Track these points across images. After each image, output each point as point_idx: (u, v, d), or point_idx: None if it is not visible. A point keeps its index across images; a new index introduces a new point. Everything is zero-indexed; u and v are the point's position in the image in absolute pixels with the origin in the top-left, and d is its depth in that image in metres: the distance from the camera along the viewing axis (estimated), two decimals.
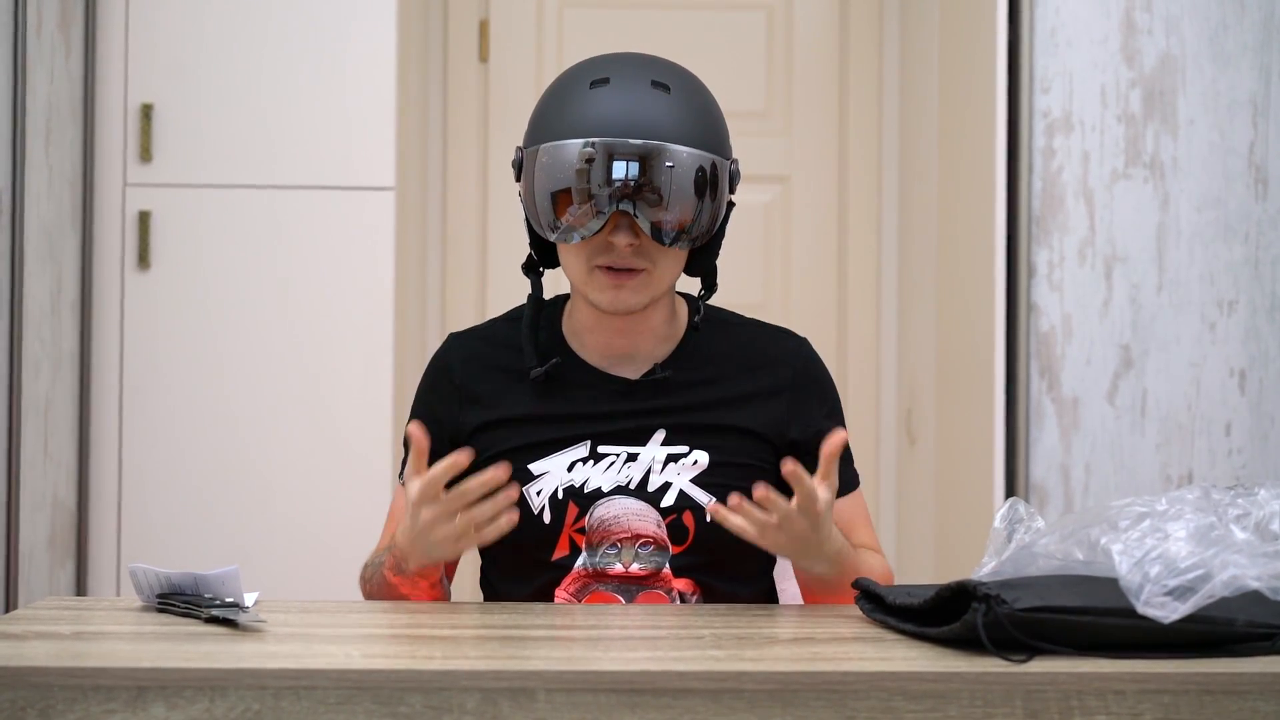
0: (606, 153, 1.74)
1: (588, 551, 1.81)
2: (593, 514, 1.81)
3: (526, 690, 1.30)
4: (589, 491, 1.82)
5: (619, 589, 1.81)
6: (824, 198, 4.04)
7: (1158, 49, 3.04)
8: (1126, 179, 3.05)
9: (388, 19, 3.23)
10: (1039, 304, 3.03)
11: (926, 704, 1.31)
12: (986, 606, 1.37)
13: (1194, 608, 1.36)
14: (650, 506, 1.81)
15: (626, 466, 1.83)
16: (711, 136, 1.80)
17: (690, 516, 1.82)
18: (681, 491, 1.82)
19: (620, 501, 1.82)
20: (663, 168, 1.74)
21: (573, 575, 1.82)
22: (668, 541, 1.81)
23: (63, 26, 3.06)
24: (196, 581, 1.59)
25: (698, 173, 1.76)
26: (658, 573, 1.81)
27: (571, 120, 1.78)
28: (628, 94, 1.77)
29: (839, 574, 1.73)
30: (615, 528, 1.81)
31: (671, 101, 1.78)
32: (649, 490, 1.82)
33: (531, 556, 1.82)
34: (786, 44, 4.04)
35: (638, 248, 1.78)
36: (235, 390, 3.21)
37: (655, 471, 1.83)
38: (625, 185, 1.74)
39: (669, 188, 1.75)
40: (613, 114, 1.76)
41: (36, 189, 2.94)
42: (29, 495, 2.92)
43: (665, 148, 1.74)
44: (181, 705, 1.29)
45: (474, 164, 3.98)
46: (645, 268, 1.79)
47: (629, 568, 1.81)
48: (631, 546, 1.81)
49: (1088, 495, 3.02)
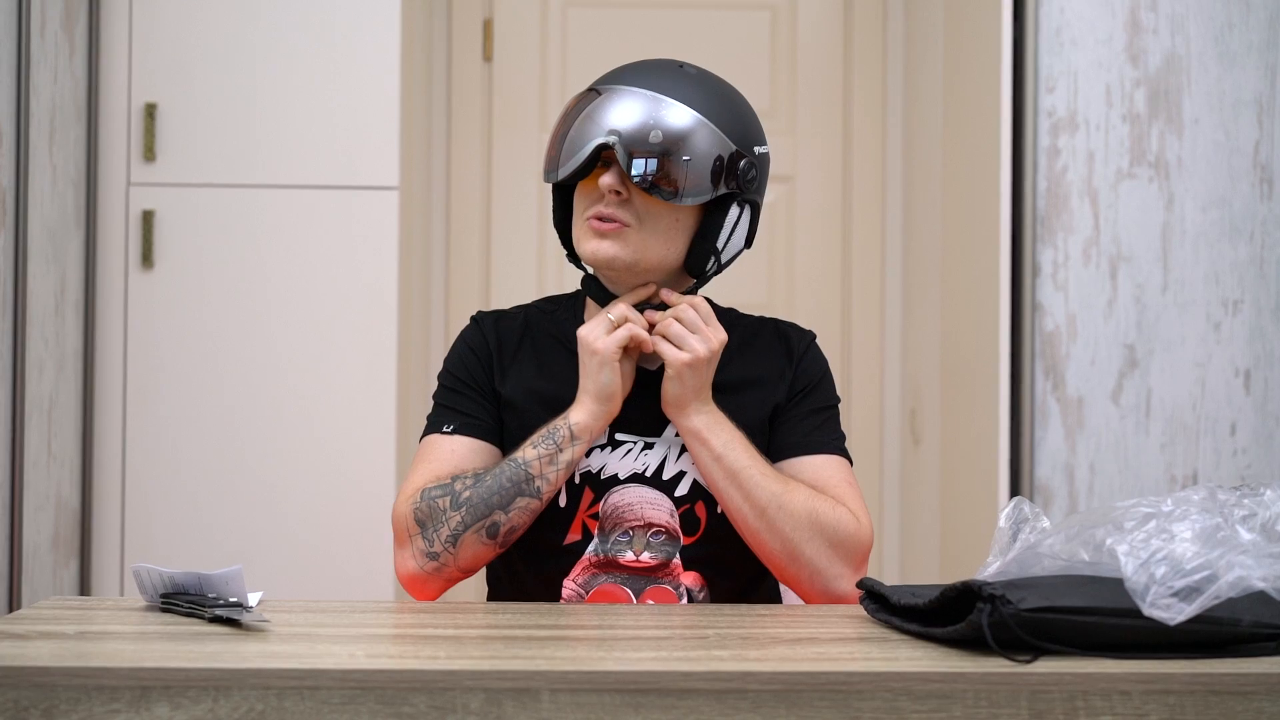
0: (609, 98, 1.81)
1: (600, 537, 1.84)
2: (607, 500, 1.84)
3: (530, 690, 1.30)
4: (605, 478, 1.84)
5: (626, 581, 1.83)
6: (828, 197, 4.03)
7: (1163, 48, 3.04)
8: (1131, 178, 3.04)
9: (392, 18, 3.23)
10: (1044, 304, 3.03)
11: (931, 704, 1.31)
12: (992, 607, 1.36)
13: (1200, 609, 1.36)
14: (664, 495, 1.84)
15: (644, 454, 1.85)
16: (725, 118, 1.83)
17: (703, 507, 1.85)
18: (695, 482, 1.85)
19: (635, 489, 1.84)
20: (660, 120, 1.79)
21: (582, 564, 1.83)
22: (679, 532, 1.84)
23: (66, 26, 3.06)
24: (200, 581, 1.59)
25: (694, 134, 1.79)
26: (667, 564, 1.83)
27: (596, 81, 1.86)
28: (652, 67, 1.85)
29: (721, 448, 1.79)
30: (629, 515, 1.83)
31: (694, 80, 1.84)
32: (664, 479, 1.85)
33: (544, 539, 1.85)
34: (791, 44, 4.04)
35: (624, 199, 1.81)
36: (239, 389, 3.21)
37: (671, 460, 1.85)
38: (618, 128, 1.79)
39: (661, 139, 1.78)
40: (629, 75, 1.83)
41: (40, 188, 2.94)
42: (33, 495, 2.92)
43: (675, 105, 1.79)
44: (185, 705, 1.29)
45: (478, 163, 3.98)
46: (629, 222, 1.82)
47: (640, 556, 1.83)
48: (644, 535, 1.84)
49: (1092, 495, 3.02)
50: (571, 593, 1.84)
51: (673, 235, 1.84)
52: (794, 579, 1.81)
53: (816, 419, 1.91)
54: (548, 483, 1.79)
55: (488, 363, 1.91)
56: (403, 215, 3.28)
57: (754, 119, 1.88)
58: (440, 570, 1.80)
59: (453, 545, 1.79)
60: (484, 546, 1.79)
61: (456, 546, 1.79)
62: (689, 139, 1.79)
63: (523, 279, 3.96)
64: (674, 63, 1.87)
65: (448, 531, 1.79)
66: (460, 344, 1.95)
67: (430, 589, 1.82)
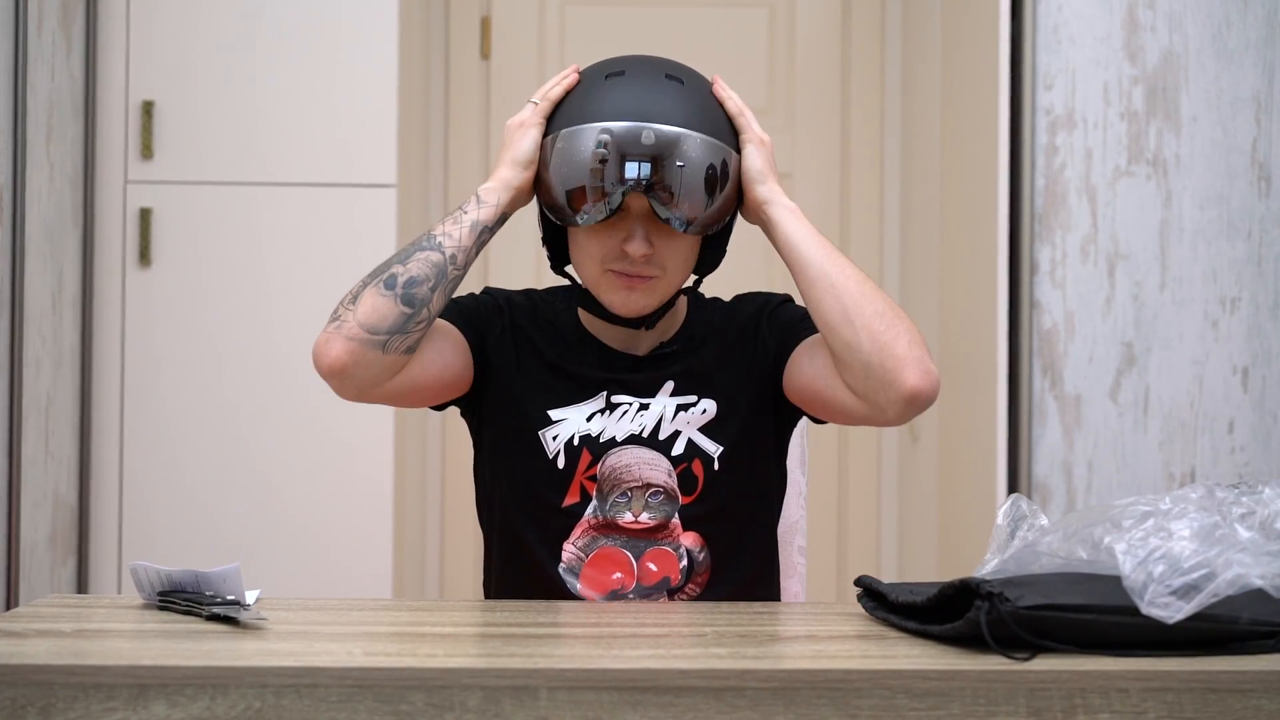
0: (621, 138, 1.77)
1: (598, 499, 1.85)
2: (605, 462, 1.85)
3: (529, 688, 1.30)
4: (604, 441, 1.86)
5: (627, 544, 1.85)
6: (826, 195, 4.03)
7: (1160, 46, 3.04)
8: (1129, 176, 3.04)
9: (389, 16, 3.23)
10: (1041, 301, 3.03)
11: (929, 702, 1.31)
12: (990, 604, 1.36)
13: (1198, 607, 1.35)
14: (661, 455, 1.86)
15: (639, 415, 1.87)
16: (722, 128, 1.84)
17: (699, 465, 1.86)
18: (690, 440, 1.87)
19: (632, 450, 1.86)
20: (676, 153, 1.77)
21: (582, 526, 1.85)
22: (678, 491, 1.86)
23: (64, 24, 3.06)
24: (198, 579, 1.58)
25: (709, 161, 1.79)
26: (666, 523, 1.85)
27: (588, 108, 1.81)
28: (643, 84, 1.81)
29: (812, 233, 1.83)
30: (626, 476, 1.85)
31: (685, 92, 1.82)
32: (660, 439, 1.86)
33: (543, 502, 1.86)
34: (789, 41, 4.04)
35: (650, 256, 1.81)
36: (237, 387, 3.21)
37: (666, 420, 1.87)
38: (639, 169, 1.77)
39: (680, 180, 1.77)
40: (628, 101, 1.80)
41: (37, 186, 2.94)
42: (30, 492, 2.92)
43: (679, 133, 1.77)
44: (182, 703, 1.29)
45: (476, 161, 3.98)
46: (656, 274, 1.83)
47: (639, 517, 1.84)
48: (642, 495, 1.85)
49: (1090, 493, 3.02)
50: (572, 555, 1.85)
51: (689, 261, 1.87)
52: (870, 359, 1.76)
53: (804, 320, 1.90)
54: (450, 238, 1.82)
55: (490, 316, 1.92)
56: (400, 213, 3.28)
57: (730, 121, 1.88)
58: (340, 327, 1.76)
59: (352, 301, 1.78)
60: (382, 299, 1.76)
61: (356, 301, 1.77)
62: (704, 166, 1.79)
63: (521, 276, 3.95)
64: (666, 75, 1.83)
65: (350, 296, 1.79)
66: (475, 297, 1.95)
67: (333, 349, 1.76)
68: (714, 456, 1.86)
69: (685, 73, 1.85)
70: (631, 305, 1.84)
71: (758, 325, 1.94)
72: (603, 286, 1.85)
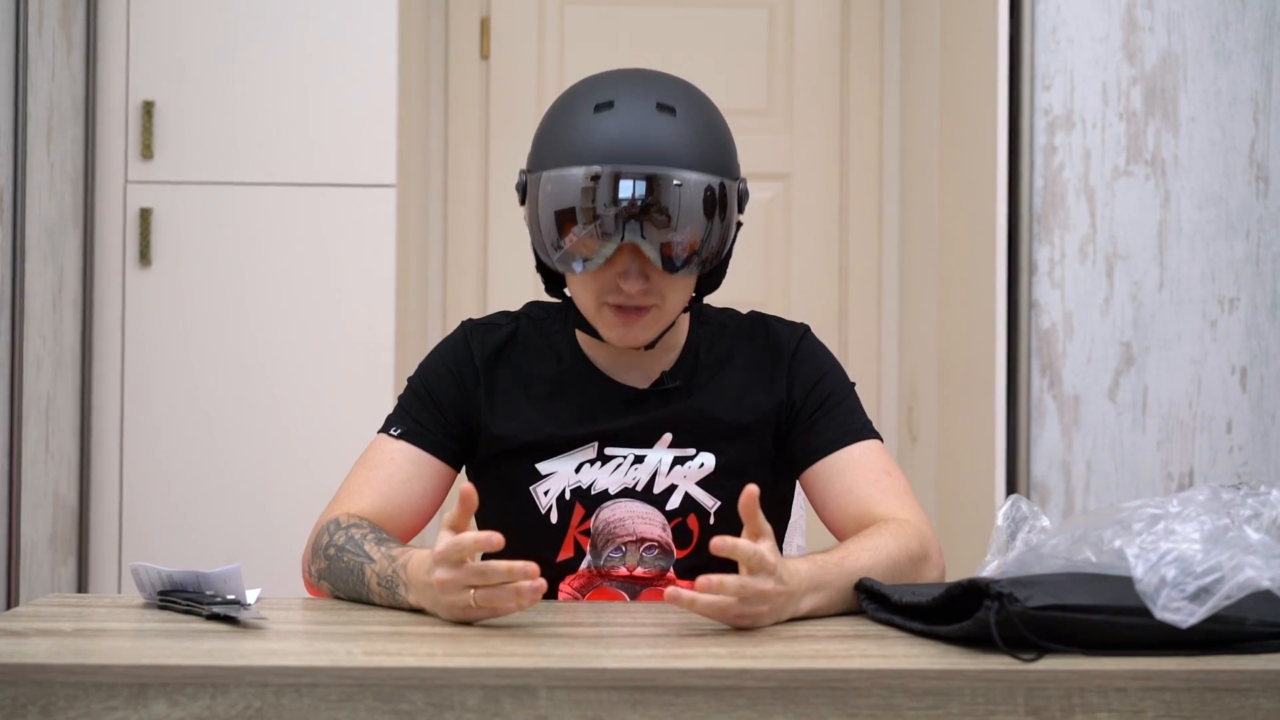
0: (613, 181, 1.70)
1: (592, 554, 1.81)
2: (598, 516, 1.81)
3: (528, 688, 1.30)
4: (596, 493, 1.81)
5: (623, 586, 1.81)
6: (825, 195, 4.03)
7: (1159, 46, 3.04)
8: (1128, 176, 3.04)
9: (389, 16, 3.23)
10: (1040, 301, 3.03)
11: (928, 701, 1.31)
12: (999, 604, 1.36)
13: (1210, 611, 1.35)
14: (655, 510, 1.81)
15: (634, 468, 1.82)
16: (719, 158, 1.76)
17: (695, 520, 1.81)
18: (687, 495, 1.82)
19: (625, 504, 1.82)
20: (670, 192, 1.70)
21: (578, 573, 1.82)
22: (672, 545, 1.81)
23: (64, 24, 3.06)
24: (198, 579, 1.58)
25: (706, 195, 1.72)
26: (662, 575, 1.81)
27: (577, 146, 1.73)
28: (633, 118, 1.72)
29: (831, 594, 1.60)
30: (620, 530, 1.81)
31: (678, 124, 1.73)
32: (655, 493, 1.82)
33: (536, 557, 1.81)
34: (788, 41, 4.04)
35: (647, 289, 1.75)
36: (237, 387, 3.21)
37: (662, 474, 1.82)
38: (632, 206, 1.70)
39: (677, 214, 1.71)
40: (618, 140, 1.71)
41: (38, 186, 2.94)
42: (30, 492, 2.92)
43: (672, 174, 1.70)
44: (183, 702, 1.29)
45: (475, 161, 3.98)
46: (655, 304, 1.77)
47: (634, 571, 1.81)
48: (636, 549, 1.81)
49: (1089, 493, 3.02)
50: (568, 595, 1.83)
51: (687, 287, 1.80)
52: None
53: (835, 412, 1.85)
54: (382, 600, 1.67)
55: (464, 384, 1.86)
56: (400, 213, 3.28)
57: (727, 130, 1.81)
58: (315, 587, 1.77)
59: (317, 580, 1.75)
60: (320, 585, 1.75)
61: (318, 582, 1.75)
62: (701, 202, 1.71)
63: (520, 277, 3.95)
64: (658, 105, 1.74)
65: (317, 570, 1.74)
66: (443, 355, 1.89)
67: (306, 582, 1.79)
68: (710, 511, 1.81)
69: (678, 96, 1.76)
70: (630, 339, 1.79)
71: (774, 373, 1.87)
72: (600, 321, 1.79)
